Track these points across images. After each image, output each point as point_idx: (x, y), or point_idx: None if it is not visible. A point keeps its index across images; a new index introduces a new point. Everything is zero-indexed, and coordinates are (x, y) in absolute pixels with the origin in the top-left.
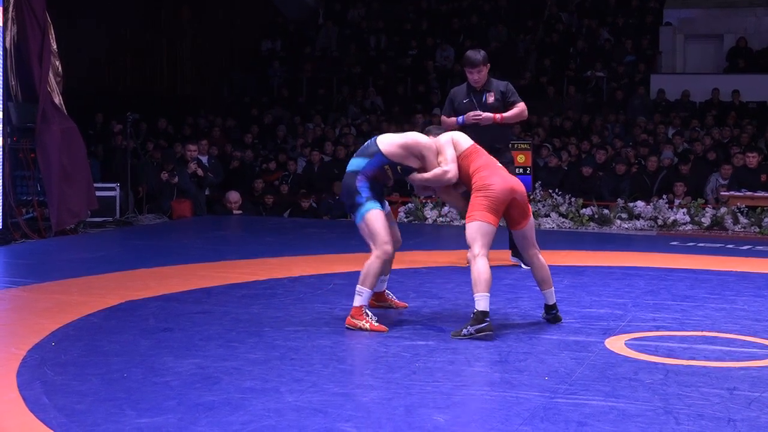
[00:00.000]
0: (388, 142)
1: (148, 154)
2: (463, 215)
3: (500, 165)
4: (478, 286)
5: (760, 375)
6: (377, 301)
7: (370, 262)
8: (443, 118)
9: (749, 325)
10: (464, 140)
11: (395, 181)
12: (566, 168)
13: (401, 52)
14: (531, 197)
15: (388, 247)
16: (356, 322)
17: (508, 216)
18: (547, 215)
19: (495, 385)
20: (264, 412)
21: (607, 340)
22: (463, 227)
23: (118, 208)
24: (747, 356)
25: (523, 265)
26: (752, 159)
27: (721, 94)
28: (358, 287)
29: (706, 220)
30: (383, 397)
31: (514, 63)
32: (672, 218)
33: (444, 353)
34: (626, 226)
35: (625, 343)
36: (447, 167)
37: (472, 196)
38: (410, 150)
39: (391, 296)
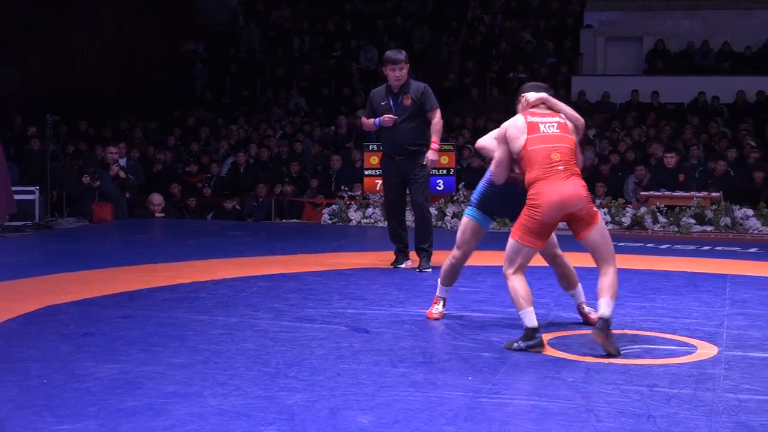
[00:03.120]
0: None
1: (68, 157)
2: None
3: (560, 171)
4: (518, 305)
5: (679, 372)
6: (580, 313)
7: (446, 262)
8: (363, 119)
9: (668, 323)
10: (519, 134)
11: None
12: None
13: (325, 54)
14: (454, 198)
15: (456, 252)
16: (431, 309)
17: (571, 228)
18: None
19: (419, 386)
20: (187, 417)
21: None
22: (386, 229)
23: (37, 212)
24: (666, 354)
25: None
26: (670, 159)
27: (641, 96)
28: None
29: (626, 220)
30: (307, 399)
31: (438, 65)
32: None
33: (368, 355)
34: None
35: (548, 342)
36: (495, 156)
37: (524, 209)
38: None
39: (588, 309)
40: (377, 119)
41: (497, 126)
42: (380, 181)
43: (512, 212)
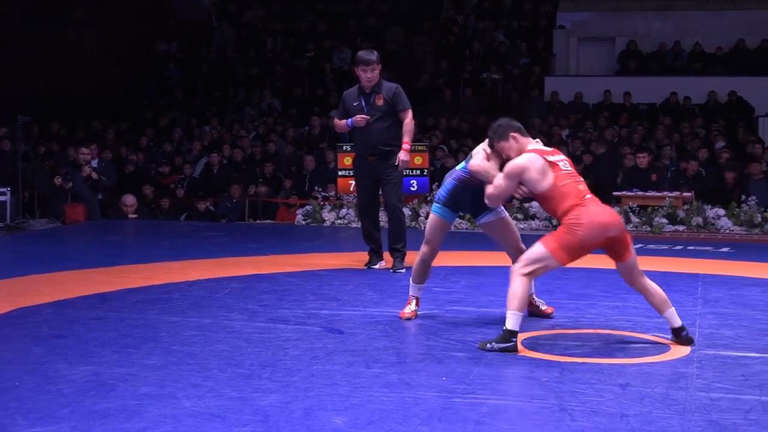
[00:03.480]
0: (479, 144)
1: (40, 158)
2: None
3: (590, 198)
4: (512, 303)
5: (652, 371)
6: (529, 306)
7: (416, 261)
8: (335, 120)
9: (641, 322)
10: (542, 176)
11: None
12: None
13: (298, 54)
14: (428, 199)
15: (425, 248)
16: (404, 309)
17: (608, 252)
18: None
19: (393, 387)
20: (160, 419)
21: None
22: (360, 230)
23: (9, 213)
24: (639, 353)
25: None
26: (642, 159)
27: (613, 96)
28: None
29: None
30: (281, 400)
31: (411, 65)
32: None
33: (342, 355)
34: (522, 227)
35: (522, 342)
36: (496, 184)
37: (561, 227)
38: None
39: (540, 303)
40: (349, 120)
41: (470, 126)
42: (354, 182)
43: (475, 209)
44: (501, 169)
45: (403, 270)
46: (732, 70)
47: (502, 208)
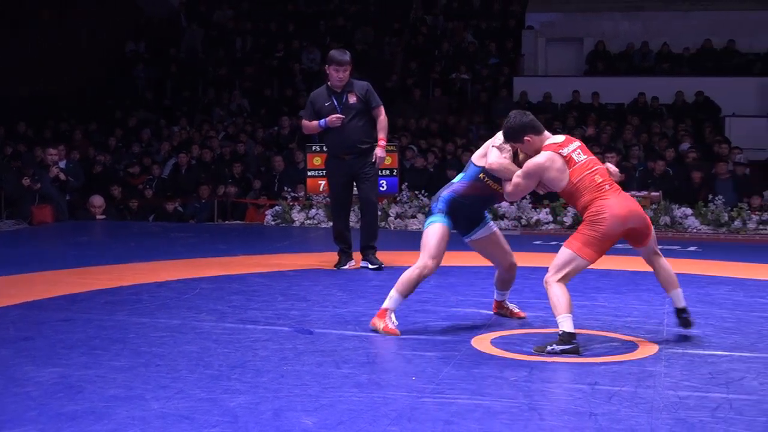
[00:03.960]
0: (477, 151)
1: (6, 159)
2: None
3: (609, 189)
4: (558, 309)
5: (620, 369)
6: (497, 309)
7: (410, 271)
8: (304, 122)
9: (609, 321)
10: (562, 175)
11: None
12: (432, 169)
13: (267, 54)
14: (397, 199)
15: (430, 263)
16: (377, 322)
17: (628, 240)
18: (413, 216)
19: (363, 387)
20: (129, 420)
21: (473, 339)
22: (331, 230)
23: None
24: (607, 352)
25: (369, 266)
26: (611, 159)
27: (582, 96)
28: (392, 291)
29: (568, 220)
30: (250, 401)
31: (381, 65)
32: (535, 218)
33: (312, 356)
34: None
35: (491, 342)
36: (515, 182)
37: (581, 225)
38: (531, 175)
39: (511, 306)
40: (322, 120)
41: (440, 126)
42: (323, 182)
43: (468, 226)
44: (514, 158)
45: (383, 264)
46: (699, 71)
47: (493, 222)
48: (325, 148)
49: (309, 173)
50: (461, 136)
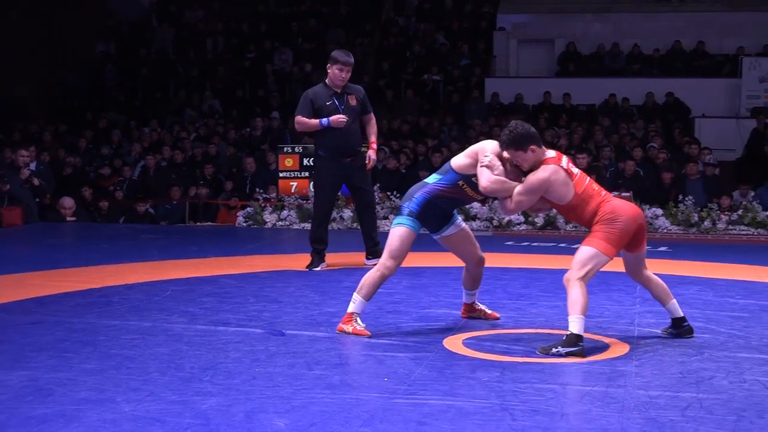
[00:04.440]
0: (458, 156)
1: None
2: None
3: (608, 194)
4: (574, 308)
5: (591, 369)
6: (468, 312)
7: (371, 273)
8: (302, 119)
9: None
10: (567, 188)
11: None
12: (404, 171)
13: (239, 55)
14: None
15: (390, 263)
16: (344, 327)
17: (628, 242)
18: (385, 218)
19: (335, 388)
20: (100, 423)
21: (445, 340)
22: (303, 231)
23: None
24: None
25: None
26: (582, 160)
27: (553, 98)
28: (354, 294)
29: (539, 220)
30: (222, 403)
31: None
32: (507, 219)
33: (284, 357)
34: None
35: (463, 342)
36: (517, 200)
37: (597, 225)
38: (472, 159)
39: (482, 307)
40: (325, 119)
41: (412, 128)
42: (295, 183)
43: (438, 224)
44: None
45: None
46: (669, 72)
47: (461, 219)
48: (318, 149)
49: (281, 174)
50: (433, 137)
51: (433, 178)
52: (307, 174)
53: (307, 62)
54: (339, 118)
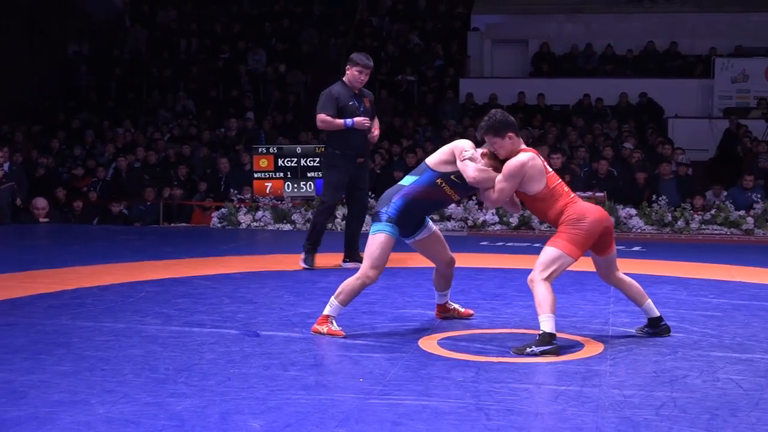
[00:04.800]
0: (433, 155)
1: None
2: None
3: (576, 196)
4: (543, 307)
5: (566, 369)
6: (441, 313)
7: (352, 281)
8: (327, 117)
9: (558, 322)
10: (540, 176)
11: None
12: (378, 171)
13: (213, 56)
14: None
15: (372, 273)
16: (318, 328)
17: (594, 248)
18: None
19: (310, 389)
20: (74, 426)
21: (420, 340)
22: (278, 232)
23: None
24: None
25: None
26: (556, 160)
27: (527, 98)
28: (332, 299)
29: (514, 221)
30: (197, 405)
31: (327, 66)
32: (481, 219)
33: (259, 358)
34: (438, 226)
35: (438, 343)
36: (499, 188)
37: (562, 226)
38: (449, 156)
39: (455, 306)
40: (350, 120)
41: (386, 128)
42: (270, 184)
43: (413, 229)
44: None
45: None
46: (642, 72)
47: (431, 222)
48: (334, 148)
49: (255, 175)
50: (408, 137)
51: (408, 180)
52: (281, 175)
53: (281, 63)
54: (363, 120)
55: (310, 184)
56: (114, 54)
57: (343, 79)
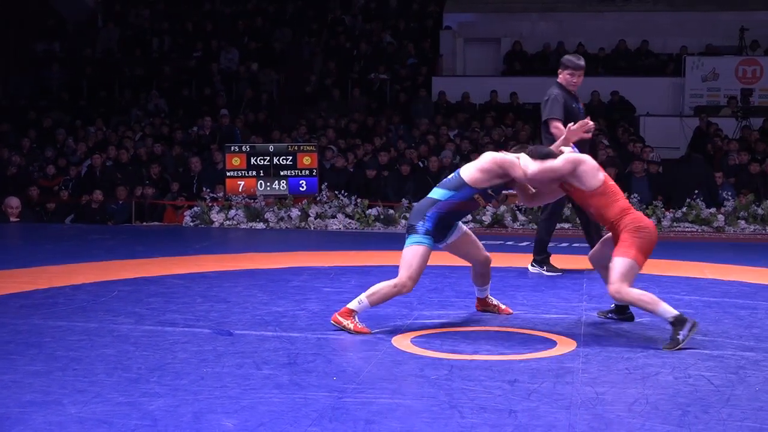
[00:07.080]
0: (469, 170)
1: None
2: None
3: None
4: (649, 304)
5: (539, 367)
6: (482, 306)
7: (386, 286)
8: (559, 124)
9: (529, 319)
10: (596, 171)
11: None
12: (352, 169)
13: (185, 54)
14: (317, 199)
15: (409, 284)
16: (342, 320)
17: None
18: (333, 216)
19: (283, 388)
20: (46, 426)
21: (394, 339)
22: (251, 231)
23: None
24: (526, 349)
25: None
26: None
27: (500, 96)
28: (363, 296)
29: (486, 218)
30: (170, 404)
31: (300, 65)
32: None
33: (232, 357)
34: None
35: (411, 341)
36: (556, 167)
37: (626, 234)
38: (491, 171)
39: (496, 302)
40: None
41: (359, 126)
42: (243, 182)
43: (444, 234)
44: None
45: None
46: (614, 71)
47: (462, 223)
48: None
49: (228, 173)
50: (380, 136)
51: (441, 194)
52: (254, 173)
53: (254, 61)
54: (589, 123)
55: (282, 183)
56: (86, 53)
57: (558, 80)
